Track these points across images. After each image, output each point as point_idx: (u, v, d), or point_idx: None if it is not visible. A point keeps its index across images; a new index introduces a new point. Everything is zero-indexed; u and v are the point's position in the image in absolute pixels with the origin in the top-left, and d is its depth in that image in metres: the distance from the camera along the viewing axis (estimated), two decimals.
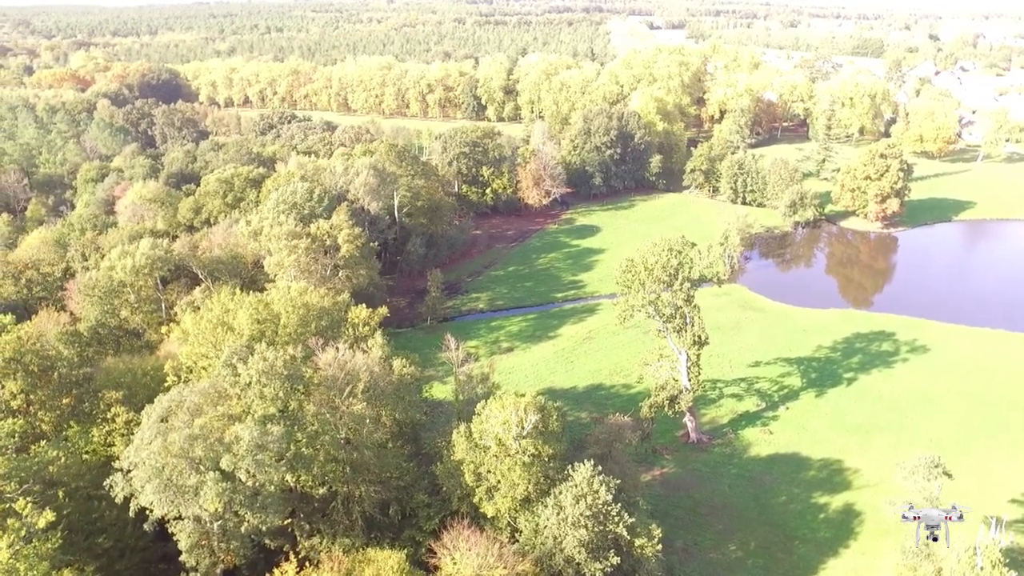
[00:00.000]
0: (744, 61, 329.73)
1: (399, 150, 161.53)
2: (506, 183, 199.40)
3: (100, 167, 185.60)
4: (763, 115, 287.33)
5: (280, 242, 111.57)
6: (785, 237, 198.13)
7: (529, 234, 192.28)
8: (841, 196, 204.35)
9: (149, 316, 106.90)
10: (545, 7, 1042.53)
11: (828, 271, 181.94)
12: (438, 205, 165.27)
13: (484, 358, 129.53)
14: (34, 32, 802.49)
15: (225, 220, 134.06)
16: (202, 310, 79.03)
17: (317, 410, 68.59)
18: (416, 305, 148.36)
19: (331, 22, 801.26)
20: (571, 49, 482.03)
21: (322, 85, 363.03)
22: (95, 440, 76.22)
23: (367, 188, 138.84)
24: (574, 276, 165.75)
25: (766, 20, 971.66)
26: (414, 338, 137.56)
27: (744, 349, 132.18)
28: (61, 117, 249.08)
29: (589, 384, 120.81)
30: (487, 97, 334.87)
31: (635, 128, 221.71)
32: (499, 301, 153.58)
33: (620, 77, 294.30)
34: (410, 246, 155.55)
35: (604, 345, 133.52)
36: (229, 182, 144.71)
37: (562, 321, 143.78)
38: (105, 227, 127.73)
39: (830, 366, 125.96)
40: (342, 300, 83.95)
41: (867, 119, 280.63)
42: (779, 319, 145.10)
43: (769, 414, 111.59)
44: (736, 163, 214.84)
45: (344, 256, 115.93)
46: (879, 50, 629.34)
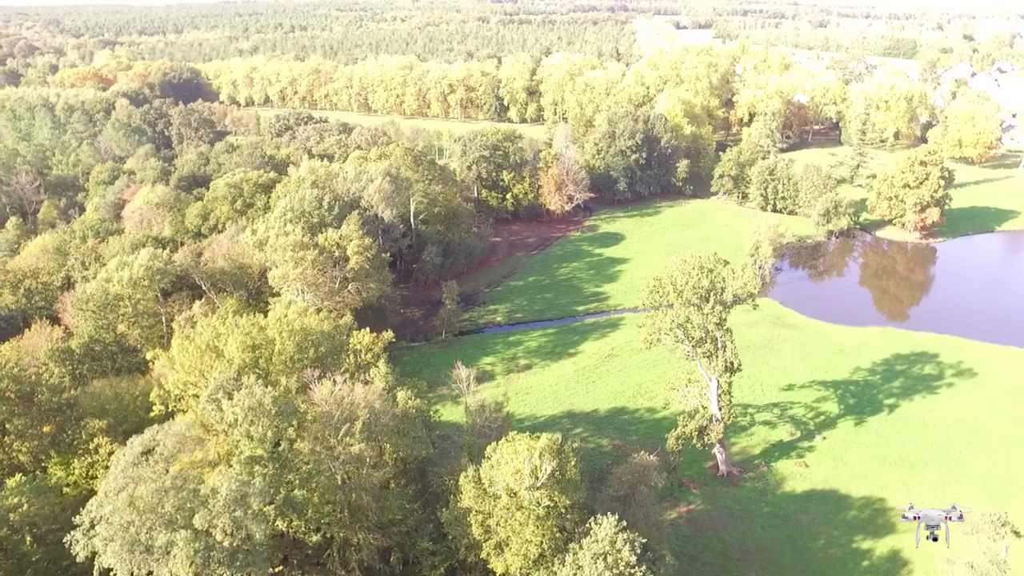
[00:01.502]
0: (774, 62, 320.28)
1: (415, 154, 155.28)
2: (527, 188, 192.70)
3: (112, 169, 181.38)
4: (794, 118, 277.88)
5: (286, 254, 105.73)
6: (818, 247, 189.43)
7: (550, 241, 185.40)
8: (877, 205, 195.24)
9: (148, 331, 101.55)
10: (570, 6, 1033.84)
11: (864, 284, 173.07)
12: (456, 212, 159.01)
13: (500, 376, 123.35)
14: (63, 31, 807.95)
15: (232, 227, 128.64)
16: (191, 334, 73.06)
17: (312, 448, 62.47)
18: (431, 317, 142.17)
19: (355, 21, 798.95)
20: (596, 49, 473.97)
21: (342, 85, 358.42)
22: (76, 472, 70.74)
23: (381, 195, 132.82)
24: (597, 288, 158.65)
25: (794, 20, 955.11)
26: (427, 353, 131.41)
27: (777, 370, 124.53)
28: (78, 117, 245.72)
29: (611, 407, 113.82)
30: (509, 98, 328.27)
31: (661, 131, 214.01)
32: (518, 314, 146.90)
33: (646, 78, 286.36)
34: (426, 255, 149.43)
35: (628, 364, 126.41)
36: (238, 187, 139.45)
37: (583, 337, 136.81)
38: (108, 234, 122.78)
39: (869, 391, 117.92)
40: (344, 324, 77.75)
41: (903, 123, 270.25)
42: (813, 337, 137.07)
43: (804, 444, 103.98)
44: (767, 169, 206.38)
45: (353, 268, 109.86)
46: (912, 51, 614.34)
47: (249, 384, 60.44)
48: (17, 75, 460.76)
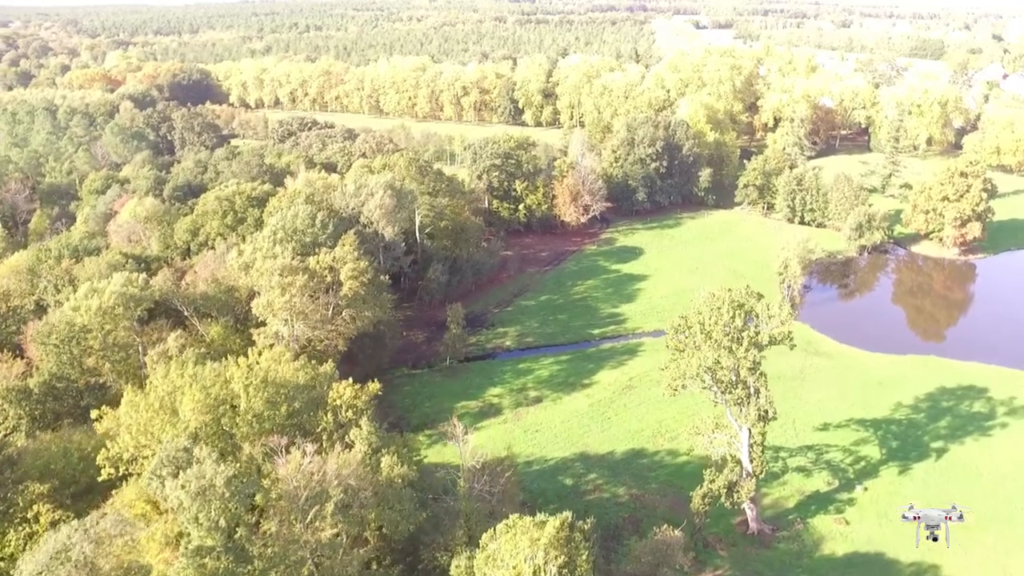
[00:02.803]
0: (800, 64, 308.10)
1: (420, 164, 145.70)
2: (541, 199, 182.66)
3: (106, 177, 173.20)
4: (821, 123, 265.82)
5: (272, 279, 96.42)
6: (849, 263, 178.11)
7: (565, 256, 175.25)
8: (913, 218, 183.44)
9: (120, 365, 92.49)
10: (588, 6, 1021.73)
11: (901, 305, 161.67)
12: (463, 226, 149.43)
13: (508, 411, 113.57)
14: (80, 31, 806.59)
15: (222, 245, 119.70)
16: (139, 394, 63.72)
17: (277, 532, 52.97)
18: (435, 340, 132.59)
19: (370, 21, 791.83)
20: (614, 50, 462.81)
21: (353, 87, 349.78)
22: (12, 545, 61.64)
23: (382, 211, 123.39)
24: (613, 308, 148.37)
25: (816, 20, 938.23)
26: (430, 382, 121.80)
27: (810, 406, 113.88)
28: (77, 121, 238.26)
29: (628, 449, 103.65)
30: (524, 101, 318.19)
31: (683, 138, 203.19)
32: (528, 338, 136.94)
33: (666, 81, 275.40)
34: (431, 273, 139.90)
35: (646, 397, 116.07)
36: (230, 200, 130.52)
37: (599, 365, 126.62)
38: (85, 253, 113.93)
39: (913, 431, 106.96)
40: (323, 373, 68.20)
41: (936, 129, 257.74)
42: (849, 367, 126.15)
43: (843, 496, 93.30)
44: (794, 179, 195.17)
45: (346, 295, 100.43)
46: (939, 51, 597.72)
47: (200, 457, 50.95)
48: (29, 76, 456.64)
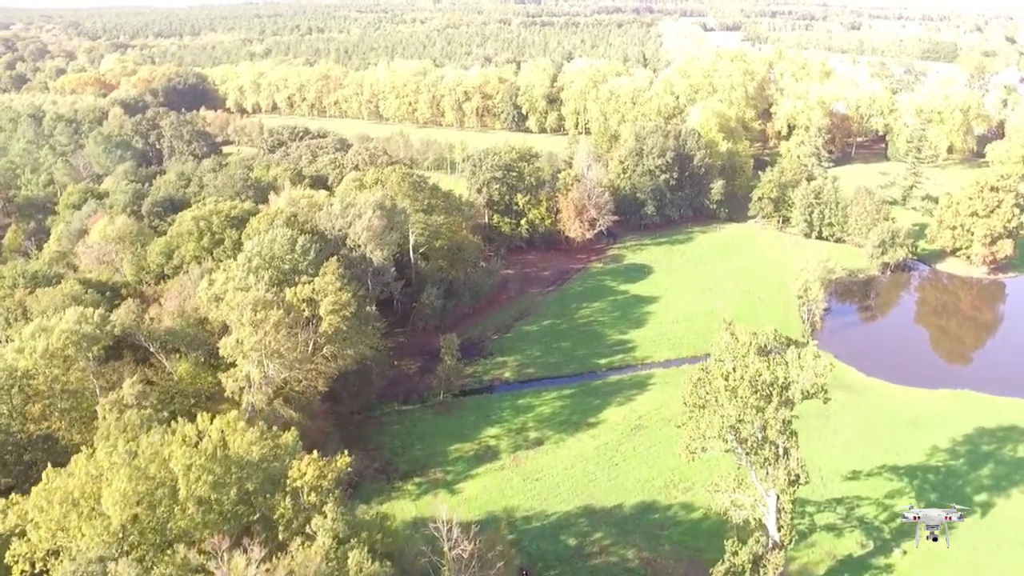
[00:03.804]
0: (813, 69, 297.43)
1: (414, 180, 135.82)
2: (544, 213, 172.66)
3: (84, 190, 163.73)
4: (836, 130, 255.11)
5: (243, 314, 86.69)
6: (870, 282, 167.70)
7: (569, 275, 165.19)
8: (939, 234, 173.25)
9: (72, 414, 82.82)
10: (594, 7, 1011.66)
11: (929, 331, 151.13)
12: (461, 246, 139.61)
13: (506, 454, 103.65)
14: (81, 34, 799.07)
15: (196, 270, 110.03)
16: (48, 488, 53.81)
17: None
18: (429, 370, 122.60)
19: (373, 22, 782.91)
20: (621, 52, 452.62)
21: (352, 92, 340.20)
22: None
23: (370, 233, 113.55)
24: (621, 334, 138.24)
25: (825, 21, 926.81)
26: (421, 420, 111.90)
27: (837, 451, 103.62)
28: (61, 128, 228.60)
29: (638, 501, 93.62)
30: (528, 106, 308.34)
31: (695, 148, 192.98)
32: (529, 368, 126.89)
33: (676, 87, 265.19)
34: (424, 297, 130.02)
35: (657, 439, 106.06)
36: (207, 220, 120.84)
37: (605, 400, 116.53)
38: (44, 281, 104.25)
39: (953, 481, 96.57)
40: (283, 445, 58.29)
41: (957, 137, 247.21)
42: (877, 404, 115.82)
43: (880, 561, 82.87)
44: (812, 192, 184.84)
45: (326, 332, 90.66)
46: (952, 54, 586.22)
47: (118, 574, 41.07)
48: (24, 79, 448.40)
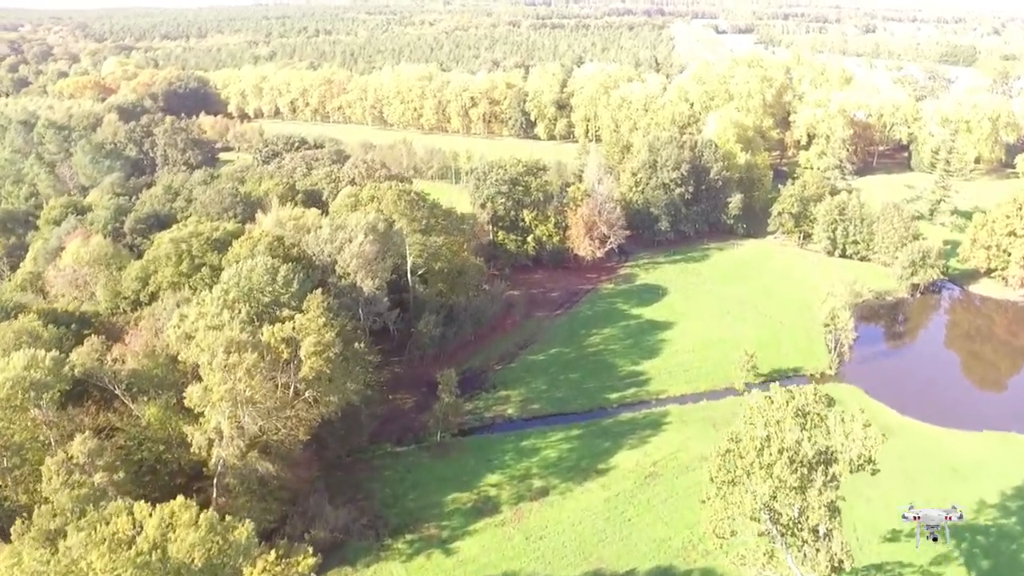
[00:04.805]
0: (833, 75, 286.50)
1: (411, 198, 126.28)
2: (552, 230, 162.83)
3: (66, 204, 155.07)
4: (858, 140, 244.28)
5: (214, 357, 77.35)
6: (899, 306, 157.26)
7: (578, 296, 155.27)
8: (972, 254, 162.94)
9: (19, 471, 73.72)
10: (604, 9, 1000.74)
11: (965, 361, 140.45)
12: (462, 269, 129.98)
13: (507, 507, 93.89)
14: (87, 36, 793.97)
15: (171, 298, 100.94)
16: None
17: None
18: (426, 405, 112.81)
19: (381, 24, 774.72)
20: (632, 56, 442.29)
21: (356, 97, 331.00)
22: None
23: (360, 261, 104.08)
24: (633, 365, 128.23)
25: (838, 24, 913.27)
26: (416, 464, 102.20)
27: (873, 504, 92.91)
28: (51, 136, 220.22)
29: (653, 567, 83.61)
30: (537, 113, 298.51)
31: (711, 161, 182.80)
32: (535, 404, 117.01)
33: (690, 93, 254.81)
34: (422, 326, 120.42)
35: (674, 490, 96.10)
36: (186, 243, 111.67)
37: (616, 443, 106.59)
38: (4, 313, 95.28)
39: (1007, 545, 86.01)
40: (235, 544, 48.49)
41: (985, 147, 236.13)
42: (915, 448, 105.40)
43: None
44: (836, 207, 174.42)
45: (306, 378, 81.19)
46: (971, 58, 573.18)
47: None
48: (26, 82, 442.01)
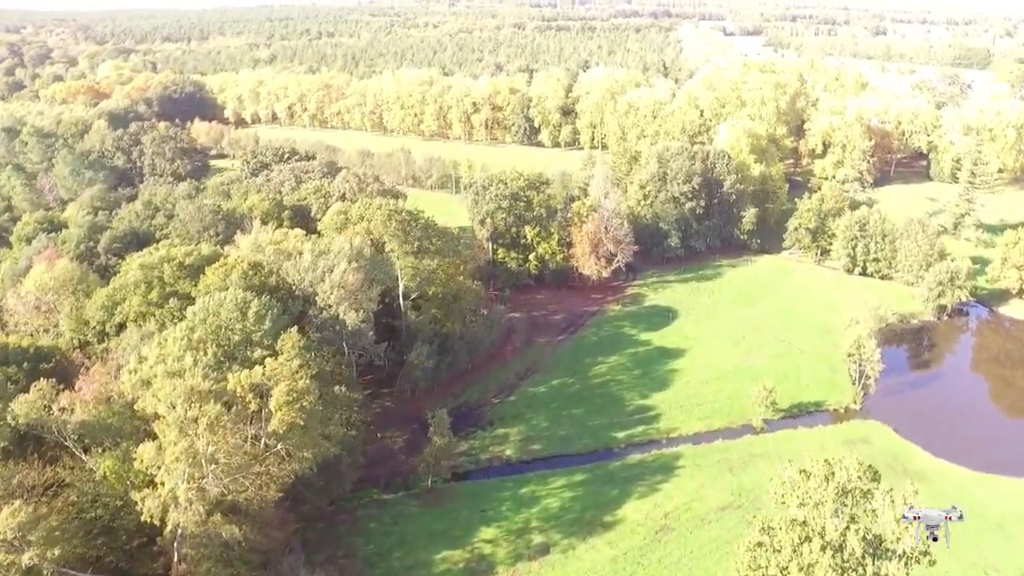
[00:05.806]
0: (848, 80, 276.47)
1: (401, 219, 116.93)
2: (555, 247, 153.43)
3: (40, 220, 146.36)
4: (876, 148, 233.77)
5: (171, 411, 68.25)
6: (924, 329, 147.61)
7: (583, 319, 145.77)
8: (1003, 273, 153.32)
9: None
10: (611, 11, 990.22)
11: (999, 393, 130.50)
12: (457, 294, 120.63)
13: (503, 567, 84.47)
14: (89, 38, 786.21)
15: (136, 334, 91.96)
16: None
17: None
18: (417, 445, 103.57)
19: (384, 27, 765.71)
20: (639, 59, 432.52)
21: (355, 102, 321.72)
22: None
23: (343, 292, 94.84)
24: (642, 398, 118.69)
25: (847, 25, 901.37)
26: (404, 515, 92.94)
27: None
28: (33, 144, 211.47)
29: None
30: (541, 119, 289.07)
31: (724, 173, 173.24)
32: (535, 444, 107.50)
33: (701, 100, 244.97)
34: (414, 357, 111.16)
35: (688, 547, 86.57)
36: (157, 269, 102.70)
37: (624, 490, 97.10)
38: None
39: None
40: None
41: (1009, 156, 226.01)
42: (953, 498, 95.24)
43: None
44: (856, 223, 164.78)
45: (277, 431, 71.98)
46: (984, 61, 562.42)
47: None
48: (21, 86, 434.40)
